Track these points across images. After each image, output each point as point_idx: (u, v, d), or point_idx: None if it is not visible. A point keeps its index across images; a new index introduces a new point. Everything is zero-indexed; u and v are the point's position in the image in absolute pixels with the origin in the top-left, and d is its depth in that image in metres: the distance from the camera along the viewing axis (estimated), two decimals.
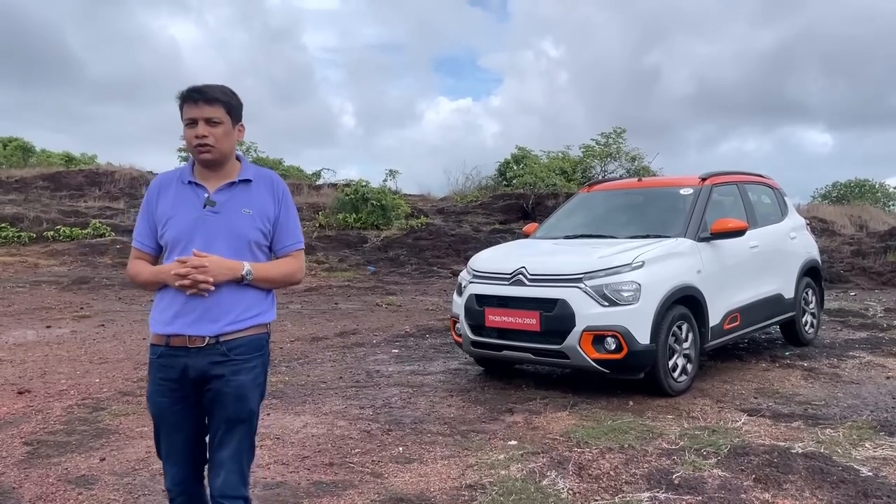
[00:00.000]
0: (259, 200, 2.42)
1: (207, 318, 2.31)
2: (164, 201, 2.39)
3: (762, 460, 3.88)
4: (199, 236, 2.32)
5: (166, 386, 2.36)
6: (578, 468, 3.86)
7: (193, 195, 2.38)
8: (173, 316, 2.32)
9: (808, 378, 5.94)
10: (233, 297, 2.35)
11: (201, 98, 2.32)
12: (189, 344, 2.31)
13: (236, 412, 2.36)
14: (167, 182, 2.43)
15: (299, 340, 7.98)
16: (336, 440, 4.43)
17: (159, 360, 2.36)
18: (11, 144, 28.56)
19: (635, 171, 23.22)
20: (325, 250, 16.81)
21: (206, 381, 2.34)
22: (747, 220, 6.31)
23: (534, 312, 5.32)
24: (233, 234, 2.36)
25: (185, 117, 2.33)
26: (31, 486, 3.70)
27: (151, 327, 2.41)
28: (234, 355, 2.35)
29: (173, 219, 2.36)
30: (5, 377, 6.13)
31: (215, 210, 2.36)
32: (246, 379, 2.37)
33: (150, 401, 2.42)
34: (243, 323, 2.37)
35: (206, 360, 2.32)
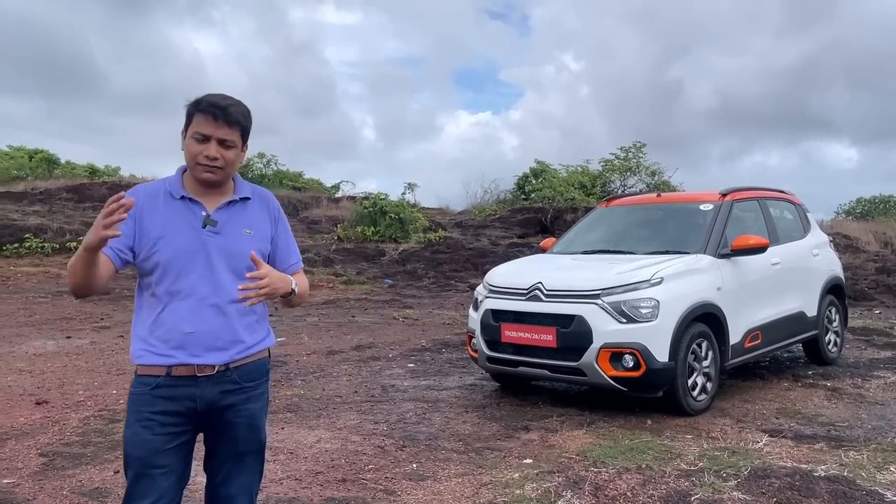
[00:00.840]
0: (258, 220, 2.24)
1: (216, 347, 2.12)
2: (151, 215, 2.10)
3: (784, 483, 3.79)
4: (199, 259, 2.10)
5: (161, 421, 2.08)
6: (595, 488, 3.79)
7: (188, 212, 2.14)
8: (174, 347, 2.09)
9: (831, 398, 5.82)
10: (241, 322, 2.17)
11: (222, 117, 2.09)
12: (198, 373, 2.10)
13: (248, 443, 2.21)
14: (152, 194, 2.15)
15: (315, 353, 7.97)
16: (350, 456, 4.40)
17: (156, 391, 2.08)
18: (37, 156, 29.05)
19: (655, 186, 23.10)
20: (343, 263, 16.85)
21: (214, 412, 2.14)
22: (769, 237, 6.23)
23: (550, 328, 5.27)
24: (235, 256, 2.15)
25: (196, 130, 2.10)
26: (45, 498, 3.70)
27: (139, 359, 2.11)
28: (244, 382, 2.18)
29: (165, 238, 2.09)
30: (24, 387, 6.18)
31: (216, 230, 2.14)
32: (257, 407, 2.23)
33: (133, 442, 2.08)
34: (253, 348, 2.21)
35: (216, 388, 2.12)
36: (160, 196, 2.15)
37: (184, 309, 2.09)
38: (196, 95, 2.17)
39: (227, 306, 2.13)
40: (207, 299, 2.11)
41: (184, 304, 2.09)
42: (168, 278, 2.09)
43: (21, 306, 11.42)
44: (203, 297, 2.10)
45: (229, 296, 2.12)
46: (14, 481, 3.94)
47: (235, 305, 2.13)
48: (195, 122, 2.11)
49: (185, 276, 2.09)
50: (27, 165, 28.26)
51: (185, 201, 2.15)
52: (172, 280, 2.09)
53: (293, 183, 27.66)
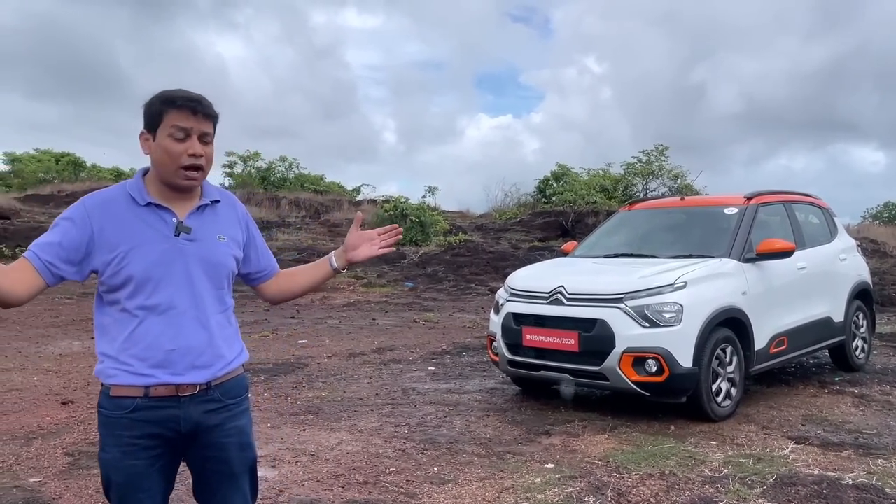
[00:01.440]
0: (229, 225, 2.08)
1: (199, 364, 1.96)
2: (111, 226, 1.90)
3: (810, 491, 3.73)
4: (176, 270, 1.93)
5: (143, 445, 1.91)
6: (617, 494, 3.76)
7: (158, 220, 1.94)
8: (153, 366, 1.91)
9: (858, 405, 5.73)
10: (221, 335, 2.02)
11: (201, 110, 1.92)
12: (180, 392, 1.93)
13: (241, 462, 2.06)
14: (109, 203, 1.94)
15: (336, 356, 8.00)
16: (371, 458, 4.40)
17: (134, 414, 1.90)
18: (64, 159, 29.54)
19: (678, 189, 22.91)
20: (363, 266, 16.90)
21: (199, 434, 1.98)
22: (795, 241, 6.14)
23: (572, 332, 5.24)
24: (213, 264, 2.00)
25: (174, 125, 1.90)
26: (71, 497, 3.74)
27: (112, 378, 1.91)
28: (227, 399, 2.03)
29: (136, 249, 1.89)
30: (50, 388, 6.26)
31: (190, 238, 1.96)
32: (244, 423, 2.08)
33: (115, 467, 1.92)
34: (233, 364, 2.05)
35: (200, 408, 1.96)
36: (120, 203, 1.94)
37: (162, 324, 1.91)
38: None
39: (209, 319, 1.98)
40: (188, 313, 1.94)
41: (162, 319, 1.91)
42: (142, 292, 1.90)
43: (47, 307, 11.59)
44: (183, 311, 1.93)
45: (210, 307, 1.99)
46: (40, 480, 4.00)
47: (216, 318, 2.01)
48: (171, 118, 1.90)
49: (161, 288, 1.91)
50: (54, 168, 28.73)
51: (153, 208, 1.95)
52: (148, 294, 1.90)
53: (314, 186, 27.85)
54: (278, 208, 22.73)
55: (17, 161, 29.63)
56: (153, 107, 1.93)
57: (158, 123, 1.92)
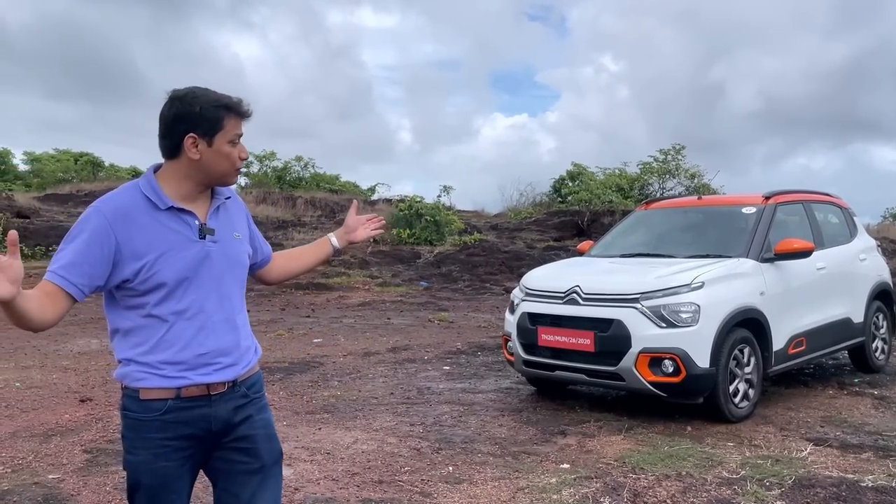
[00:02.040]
0: (239, 221, 2.11)
1: (227, 364, 1.97)
2: (136, 236, 1.86)
3: (829, 493, 3.69)
4: (204, 273, 1.93)
5: (175, 446, 1.91)
6: (633, 495, 3.73)
7: (181, 223, 1.92)
8: (185, 370, 1.91)
9: (878, 407, 5.66)
10: (244, 331, 2.06)
11: (248, 115, 1.99)
12: (211, 392, 1.94)
13: (270, 454, 2.07)
14: (128, 209, 1.88)
15: (352, 355, 8.02)
16: (386, 457, 4.41)
17: (166, 416, 1.89)
18: (82, 159, 29.85)
19: (695, 189, 22.74)
20: (378, 265, 16.94)
21: (229, 430, 1.99)
22: (814, 241, 6.08)
23: (588, 332, 5.22)
24: (236, 263, 2.03)
25: (235, 132, 1.94)
26: (89, 494, 3.78)
27: (141, 381, 1.90)
28: (252, 394, 2.05)
29: (167, 255, 1.86)
30: (69, 385, 6.33)
31: (215, 239, 1.97)
32: (269, 416, 2.11)
33: (146, 470, 1.91)
34: (254, 360, 2.09)
35: (229, 405, 1.98)
36: (139, 208, 1.89)
37: (193, 328, 1.91)
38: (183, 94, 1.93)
39: (236, 319, 2.01)
40: (217, 314, 1.95)
41: (192, 323, 1.91)
42: (173, 298, 1.89)
43: None
44: (212, 313, 1.94)
45: (235, 306, 2.02)
46: (59, 477, 4.04)
47: (241, 317, 2.04)
48: (231, 125, 1.93)
49: (191, 293, 1.91)
50: (73, 168, 29.04)
51: (175, 211, 1.92)
52: (178, 299, 1.89)
53: (330, 185, 27.94)
54: (294, 208, 22.81)
55: (37, 161, 29.99)
56: (210, 112, 1.90)
57: (217, 130, 1.91)
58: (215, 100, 1.92)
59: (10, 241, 1.60)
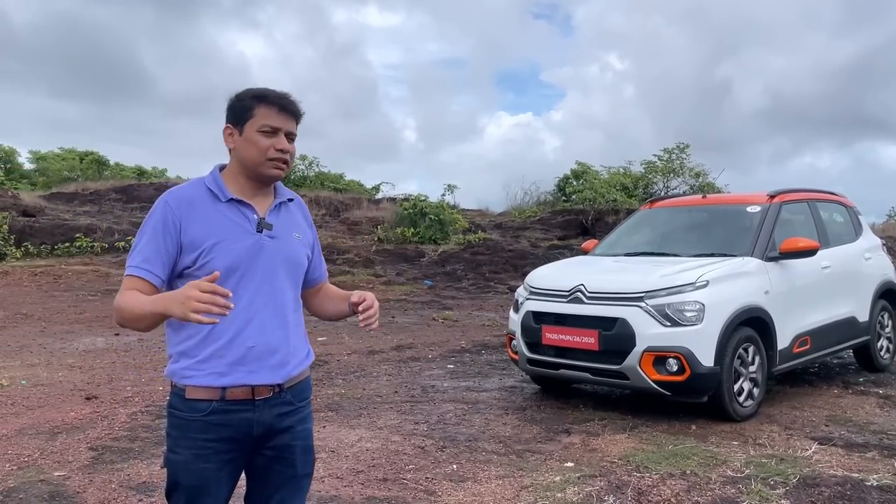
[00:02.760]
0: (301, 224, 2.12)
1: (276, 363, 1.95)
2: (196, 222, 1.91)
3: (834, 492, 3.68)
4: (258, 265, 1.94)
5: (215, 448, 1.91)
6: (638, 494, 3.73)
7: (240, 216, 1.96)
8: (232, 364, 1.91)
9: (883, 406, 5.65)
10: (296, 333, 2.03)
11: (290, 108, 1.98)
12: (256, 396, 1.94)
13: (304, 466, 2.06)
14: (192, 199, 1.95)
15: (356, 353, 8.03)
16: (390, 455, 4.41)
17: (209, 417, 1.90)
18: (88, 158, 29.89)
19: (699, 188, 22.68)
20: (383, 264, 16.95)
21: (270, 437, 1.98)
22: (819, 240, 6.07)
23: (592, 331, 5.21)
24: (292, 261, 2.02)
25: (266, 123, 1.94)
26: (95, 491, 3.79)
27: (188, 379, 1.92)
28: (298, 402, 2.04)
29: (223, 243, 1.90)
30: (74, 383, 6.35)
31: (272, 234, 1.98)
32: (310, 426, 2.10)
33: (186, 470, 1.92)
34: (304, 363, 2.07)
35: (273, 411, 1.97)
36: (203, 200, 1.96)
37: (242, 320, 1.90)
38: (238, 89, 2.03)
39: (287, 316, 2.00)
40: (267, 309, 1.95)
41: (244, 315, 1.90)
42: (227, 287, 1.83)
43: (71, 304, 11.74)
44: (263, 307, 1.94)
45: (288, 304, 2.01)
46: (65, 474, 4.05)
47: (293, 316, 2.03)
48: (262, 115, 1.95)
49: (245, 283, 1.92)
50: (78, 167, 29.10)
51: (235, 204, 1.96)
52: (231, 289, 1.84)
53: (334, 184, 27.91)
54: None
55: (42, 160, 30.06)
56: (242, 101, 1.97)
57: (247, 118, 1.95)
58: (252, 91, 1.98)
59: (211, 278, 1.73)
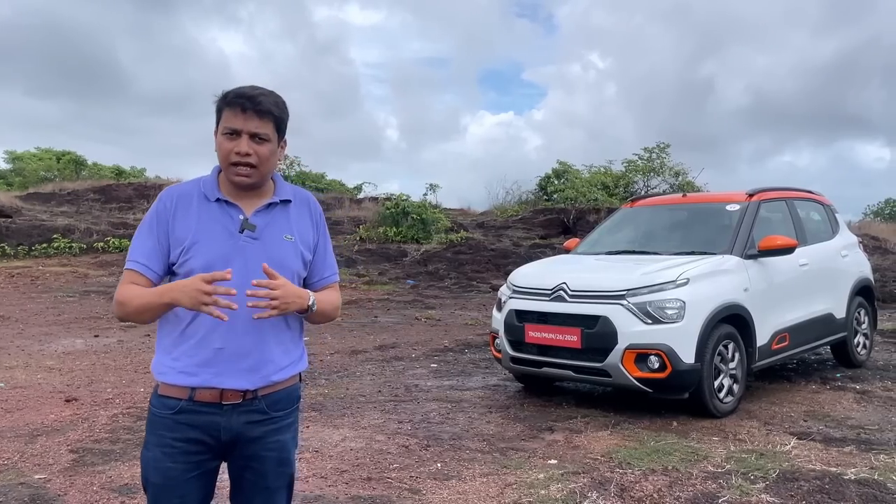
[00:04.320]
0: (300, 225, 2.04)
1: (246, 367, 1.91)
2: (183, 220, 1.92)
3: (813, 486, 3.74)
4: (234, 267, 1.88)
5: (183, 449, 1.90)
6: (620, 490, 3.77)
7: (225, 216, 1.94)
8: (200, 364, 1.89)
9: (860, 401, 5.74)
10: (275, 338, 1.98)
11: (252, 107, 1.88)
12: (223, 399, 1.90)
13: (277, 478, 2.01)
14: (185, 196, 1.96)
15: (339, 353, 8.01)
16: (374, 454, 4.42)
17: (177, 416, 1.90)
18: (65, 158, 29.57)
19: (679, 187, 22.91)
20: (365, 264, 16.92)
21: (239, 444, 1.95)
22: (797, 238, 6.15)
23: (575, 329, 5.25)
24: (275, 264, 1.92)
25: (225, 125, 1.90)
26: (76, 494, 3.76)
27: (162, 375, 1.93)
28: (273, 412, 1.98)
29: (201, 244, 1.90)
30: (54, 385, 6.28)
31: (254, 236, 1.94)
32: (286, 438, 2.02)
33: (154, 467, 1.92)
34: (285, 372, 2.00)
35: (242, 419, 1.93)
36: (194, 198, 1.96)
37: (213, 321, 1.86)
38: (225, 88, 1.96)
39: (264, 321, 1.93)
40: (241, 312, 1.87)
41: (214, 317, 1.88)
42: None
43: (50, 305, 11.60)
44: (236, 310, 1.86)
45: None
46: (45, 477, 4.01)
47: (271, 321, 1.94)
48: (224, 117, 1.91)
49: (223, 284, 1.85)
50: (55, 167, 28.77)
51: (221, 204, 1.95)
52: None
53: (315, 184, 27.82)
54: None
55: (19, 159, 29.70)
56: (216, 104, 1.95)
57: (217, 121, 1.95)
58: (222, 93, 1.95)
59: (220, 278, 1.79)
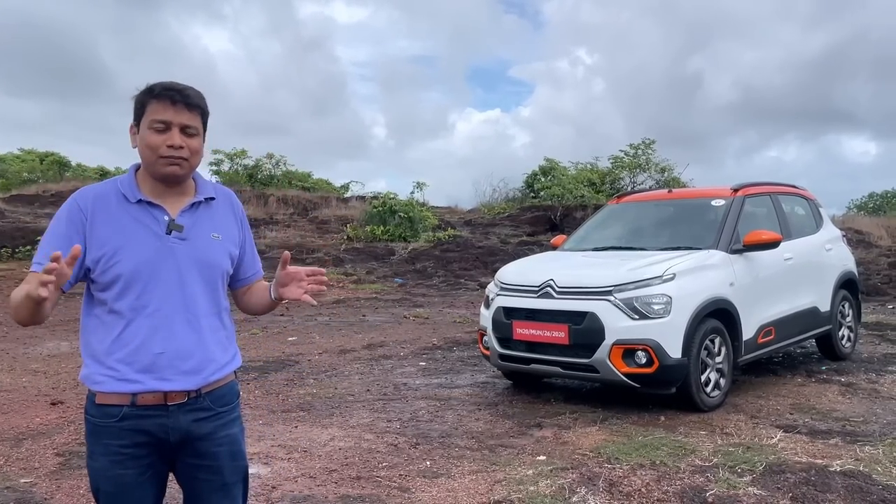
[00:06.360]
0: (225, 223, 2.02)
1: (188, 369, 1.89)
2: (102, 223, 1.85)
3: (799, 478, 3.78)
4: (166, 269, 1.86)
5: (130, 454, 1.86)
6: (609, 485, 3.79)
7: (148, 217, 1.88)
8: (140, 370, 1.84)
9: (845, 393, 5.79)
10: (213, 337, 1.96)
11: (181, 100, 1.86)
12: (168, 401, 1.87)
13: (232, 473, 1.99)
14: (102, 198, 1.88)
15: (327, 352, 7.99)
16: (363, 453, 4.41)
17: (121, 423, 1.84)
18: (48, 159, 29.27)
19: (665, 183, 23.01)
20: (352, 262, 16.88)
21: (189, 443, 1.92)
22: (781, 232, 6.19)
23: (562, 326, 5.27)
24: (206, 264, 1.93)
25: (153, 118, 1.85)
26: (62, 497, 3.73)
27: (97, 385, 1.86)
28: (218, 407, 1.96)
29: (125, 248, 1.84)
30: (39, 388, 6.23)
31: (182, 236, 1.90)
32: (236, 431, 2.02)
33: (104, 476, 1.87)
34: (226, 369, 1.99)
35: (189, 417, 1.90)
36: (112, 199, 1.88)
37: (150, 326, 1.84)
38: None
39: (200, 321, 1.92)
40: (177, 314, 1.87)
41: (150, 321, 1.85)
42: (131, 293, 1.84)
43: None
44: (172, 313, 1.87)
45: (201, 309, 1.93)
46: (32, 480, 3.98)
47: (208, 321, 1.94)
48: (151, 111, 1.86)
49: (151, 289, 1.85)
50: (38, 168, 28.47)
51: (144, 205, 1.89)
52: (137, 294, 1.84)
53: (302, 183, 27.72)
54: (266, 206, 22.61)
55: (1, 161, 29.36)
56: (137, 98, 1.90)
57: (141, 115, 1.88)
58: (146, 86, 1.90)
59: (73, 255, 1.67)
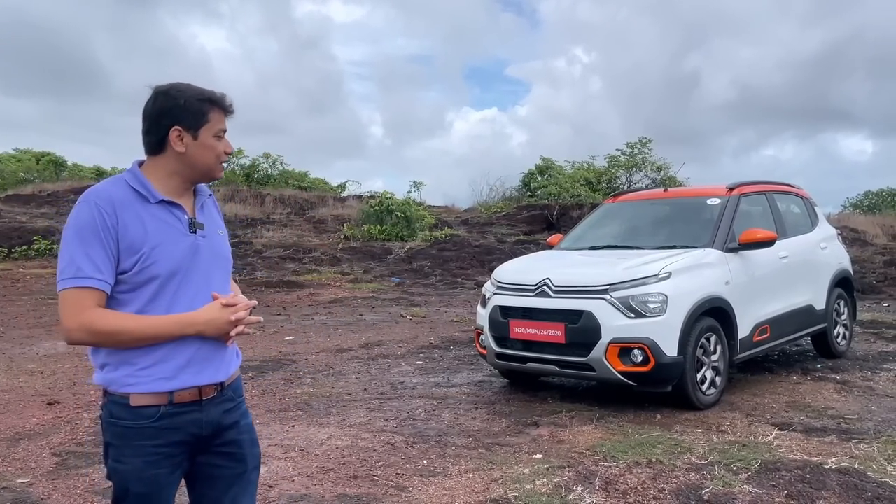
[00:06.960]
0: (218, 219, 2.11)
1: (218, 363, 1.96)
2: (132, 225, 1.84)
3: (794, 476, 3.79)
4: (196, 267, 1.92)
5: (167, 453, 1.88)
6: (605, 483, 3.80)
7: (172, 217, 1.92)
8: (178, 367, 1.88)
9: (840, 391, 5.81)
10: None
11: (232, 111, 2.00)
12: (203, 396, 1.93)
13: (253, 459, 2.07)
14: (122, 200, 1.86)
15: (324, 352, 8.00)
16: (360, 453, 4.42)
17: (158, 423, 1.86)
18: (44, 159, 29.23)
19: (661, 181, 23.06)
20: (349, 262, 16.88)
21: (218, 435, 1.98)
22: (776, 231, 6.21)
23: (559, 324, 5.28)
24: (224, 259, 2.04)
25: (219, 128, 1.96)
26: (59, 497, 3.73)
27: (132, 387, 1.85)
28: (237, 396, 2.05)
29: (161, 247, 1.85)
30: (35, 388, 6.22)
31: (204, 234, 1.97)
32: (251, 419, 2.12)
33: (137, 478, 1.87)
34: (238, 359, 2.09)
35: (219, 409, 1.97)
36: (130, 200, 1.88)
37: None
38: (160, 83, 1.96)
39: None
40: None
41: None
42: (167, 292, 1.86)
43: (31, 308, 11.48)
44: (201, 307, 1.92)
45: None
46: (28, 481, 3.98)
47: None
48: (216, 120, 1.95)
49: (184, 287, 1.89)
50: (34, 168, 28.43)
51: (165, 205, 1.91)
52: (172, 293, 1.87)
53: (299, 182, 27.72)
54: (262, 205, 22.61)
55: None
56: (194, 105, 1.91)
57: (202, 123, 1.92)
58: (199, 93, 1.93)
59: None
